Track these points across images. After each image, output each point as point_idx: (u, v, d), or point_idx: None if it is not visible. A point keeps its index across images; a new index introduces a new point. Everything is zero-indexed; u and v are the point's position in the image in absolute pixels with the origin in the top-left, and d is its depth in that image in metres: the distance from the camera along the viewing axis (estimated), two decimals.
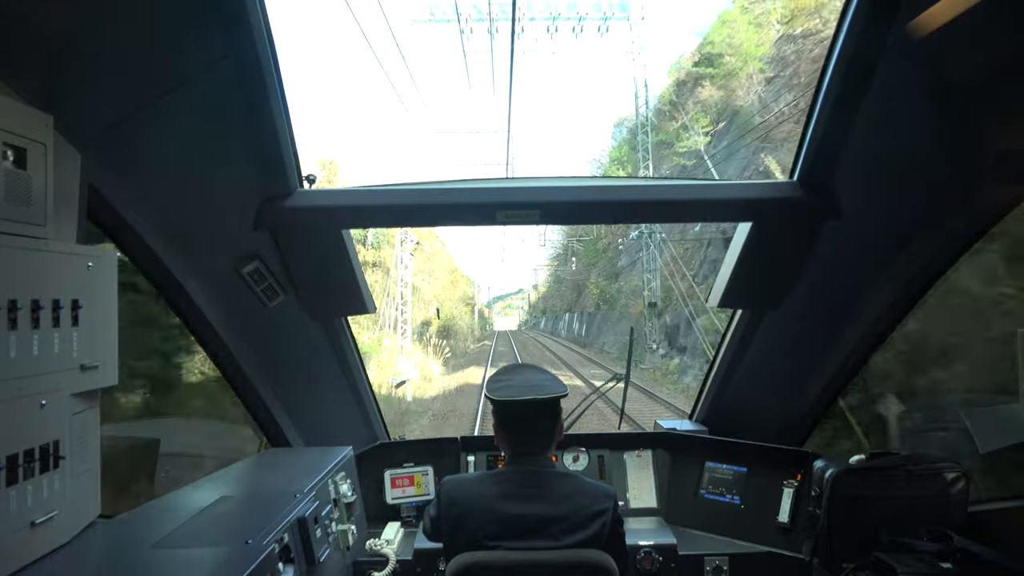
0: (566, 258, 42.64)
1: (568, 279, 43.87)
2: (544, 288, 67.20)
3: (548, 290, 63.32)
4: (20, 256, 1.07)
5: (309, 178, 1.82)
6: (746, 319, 2.17)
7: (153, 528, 1.29)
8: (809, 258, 1.90)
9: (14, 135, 1.07)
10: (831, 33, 1.48)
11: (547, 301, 62.62)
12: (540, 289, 69.77)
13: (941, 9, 1.26)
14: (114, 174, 1.45)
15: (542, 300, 68.38)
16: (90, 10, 1.16)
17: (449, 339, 27.16)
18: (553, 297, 58.08)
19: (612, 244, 31.12)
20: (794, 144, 1.76)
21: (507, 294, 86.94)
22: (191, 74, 1.39)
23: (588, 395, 2.49)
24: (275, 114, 1.55)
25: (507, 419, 1.58)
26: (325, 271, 2.00)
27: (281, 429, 2.17)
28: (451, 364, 23.49)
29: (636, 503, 2.28)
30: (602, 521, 1.45)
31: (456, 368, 22.58)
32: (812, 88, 1.61)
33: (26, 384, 1.07)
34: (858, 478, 1.67)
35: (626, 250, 27.72)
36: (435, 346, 22.84)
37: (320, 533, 1.50)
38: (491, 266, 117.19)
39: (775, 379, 2.23)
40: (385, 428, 2.56)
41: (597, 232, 32.14)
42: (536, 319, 70.68)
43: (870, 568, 1.52)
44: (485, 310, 74.25)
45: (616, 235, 28.18)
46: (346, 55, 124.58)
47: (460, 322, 37.80)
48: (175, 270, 1.71)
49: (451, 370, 21.81)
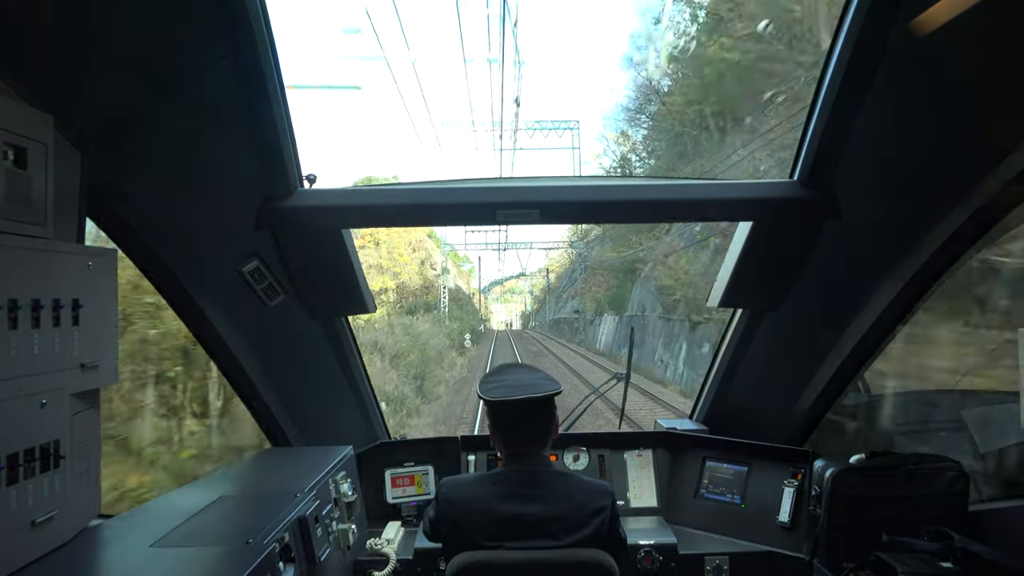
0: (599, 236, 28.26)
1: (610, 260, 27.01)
2: (558, 269, 52.56)
3: (563, 275, 48.75)
4: (20, 255, 1.07)
5: (309, 177, 1.82)
6: (746, 319, 2.17)
7: (153, 527, 1.29)
8: (809, 258, 1.90)
9: (14, 134, 1.07)
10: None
11: (561, 294, 47.24)
12: (553, 267, 54.26)
13: (941, 9, 1.26)
14: (114, 173, 1.45)
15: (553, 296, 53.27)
16: (90, 10, 1.16)
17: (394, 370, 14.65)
18: (566, 289, 43.82)
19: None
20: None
21: (506, 278, 69.12)
22: (191, 74, 1.39)
23: (588, 395, 2.49)
24: (275, 114, 1.55)
25: (502, 419, 1.58)
26: (325, 270, 2.00)
27: (281, 428, 2.18)
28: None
29: (636, 502, 2.28)
30: (601, 519, 1.46)
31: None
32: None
33: (26, 383, 1.07)
34: (858, 478, 1.67)
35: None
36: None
37: (321, 532, 1.50)
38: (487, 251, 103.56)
39: (775, 378, 2.23)
40: (385, 427, 2.56)
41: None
42: (547, 316, 53.59)
43: (870, 567, 1.52)
44: (480, 297, 57.75)
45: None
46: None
47: (427, 338, 20.14)
48: (175, 269, 1.71)
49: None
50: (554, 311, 49.12)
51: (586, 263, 35.51)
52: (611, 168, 26.59)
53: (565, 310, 42.27)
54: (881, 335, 1.95)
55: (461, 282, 51.74)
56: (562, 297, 46.82)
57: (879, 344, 1.99)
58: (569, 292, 42.73)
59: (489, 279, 69.17)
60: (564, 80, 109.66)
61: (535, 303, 66.44)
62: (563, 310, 43.79)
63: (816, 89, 1.60)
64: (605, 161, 28.56)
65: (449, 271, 40.19)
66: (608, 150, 28.98)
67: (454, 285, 42.75)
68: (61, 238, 1.21)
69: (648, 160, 23.17)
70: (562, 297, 46.82)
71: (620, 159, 26.19)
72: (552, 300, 53.45)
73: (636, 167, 23.70)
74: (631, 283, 23.79)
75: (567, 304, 41.62)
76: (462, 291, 48.52)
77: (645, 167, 23.23)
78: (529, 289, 69.13)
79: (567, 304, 41.62)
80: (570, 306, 39.64)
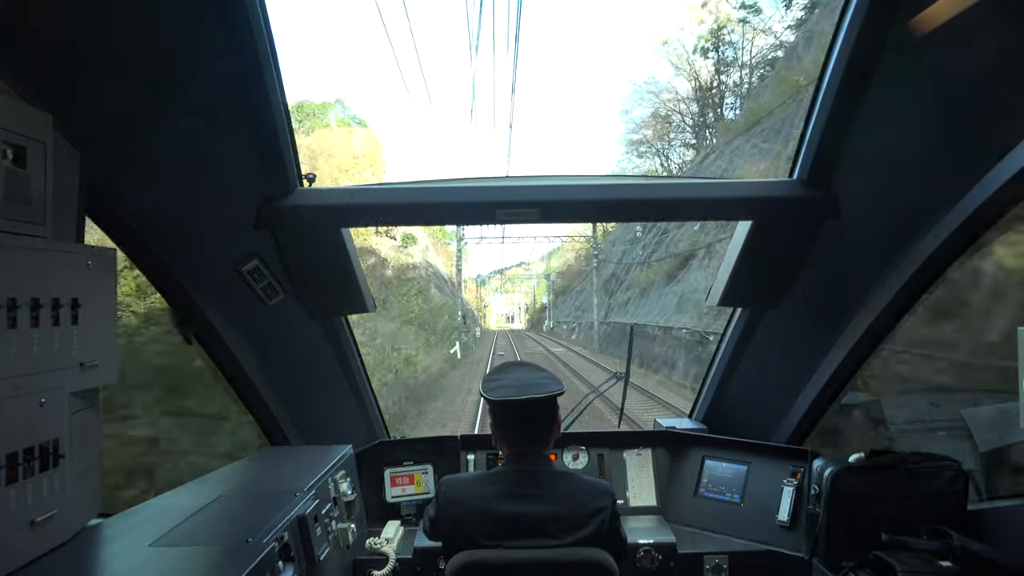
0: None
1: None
2: (569, 263, 44.48)
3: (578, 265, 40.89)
4: (20, 255, 1.07)
5: (308, 177, 1.82)
6: (746, 318, 2.18)
7: (153, 527, 1.29)
8: (809, 257, 1.90)
9: (14, 134, 1.07)
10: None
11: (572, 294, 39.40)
12: (568, 254, 45.64)
13: (941, 8, 1.26)
14: (113, 173, 1.45)
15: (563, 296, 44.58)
16: (90, 10, 1.16)
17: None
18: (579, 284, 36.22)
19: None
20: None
21: (505, 268, 61.66)
22: (190, 73, 1.39)
23: (587, 394, 2.50)
24: (274, 113, 1.55)
25: (504, 419, 1.58)
26: (324, 270, 2.00)
27: (281, 428, 2.18)
28: None
29: (636, 502, 2.28)
30: (601, 519, 1.46)
31: None
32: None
33: (26, 382, 1.07)
34: (858, 477, 1.67)
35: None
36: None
37: (320, 531, 1.50)
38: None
39: (775, 378, 2.23)
40: (385, 427, 2.57)
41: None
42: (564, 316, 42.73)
43: (869, 566, 1.52)
44: (473, 288, 47.17)
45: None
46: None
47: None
48: (174, 268, 1.71)
49: None
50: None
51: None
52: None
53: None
54: (880, 334, 1.95)
55: (439, 260, 36.60)
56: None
57: (878, 343, 1.99)
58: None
59: (487, 269, 59.91)
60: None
61: (546, 293, 48.25)
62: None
63: (816, 89, 1.60)
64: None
65: (417, 242, 29.22)
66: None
67: (422, 260, 30.06)
68: (60, 237, 1.21)
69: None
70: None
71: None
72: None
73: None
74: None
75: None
76: (439, 275, 33.45)
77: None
78: (545, 273, 51.69)
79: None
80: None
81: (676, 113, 37.74)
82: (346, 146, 28.29)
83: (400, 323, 20.04)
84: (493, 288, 70.38)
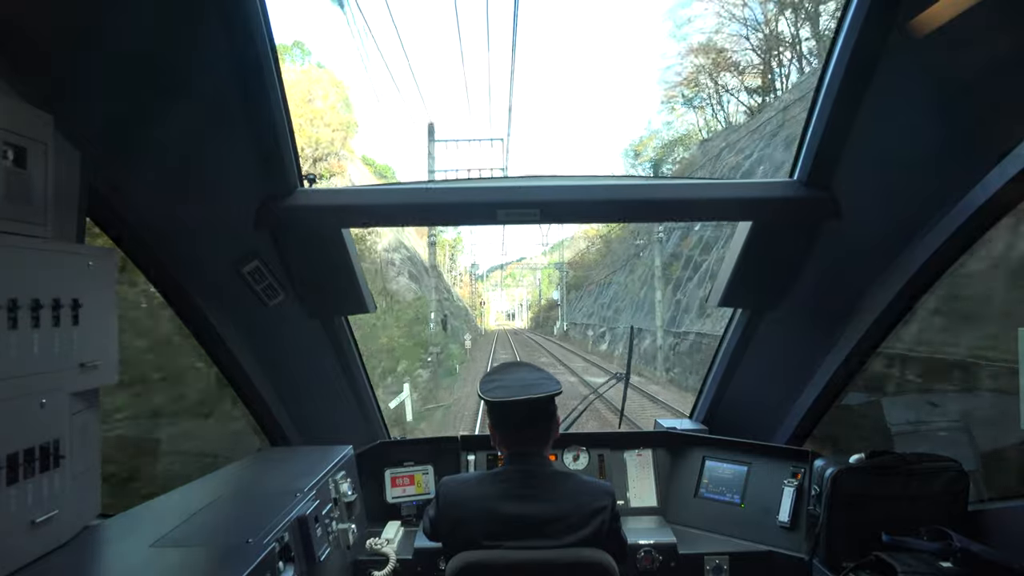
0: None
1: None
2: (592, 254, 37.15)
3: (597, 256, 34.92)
4: (20, 255, 1.07)
5: (309, 177, 1.83)
6: (746, 318, 2.18)
7: (153, 527, 1.29)
8: (809, 257, 1.90)
9: (14, 134, 1.07)
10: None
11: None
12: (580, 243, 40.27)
13: (941, 8, 1.26)
14: (114, 173, 1.45)
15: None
16: (91, 10, 1.16)
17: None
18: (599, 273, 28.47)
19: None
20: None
21: (506, 263, 56.30)
22: (191, 74, 1.39)
23: (587, 395, 2.50)
24: (274, 113, 1.55)
25: (502, 419, 1.58)
26: (325, 270, 2.00)
27: (281, 428, 2.18)
28: None
29: (636, 502, 2.28)
30: (601, 519, 1.45)
31: None
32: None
33: (26, 383, 1.07)
34: (858, 477, 1.67)
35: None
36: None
37: (320, 532, 1.50)
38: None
39: (775, 378, 2.23)
40: (385, 427, 2.57)
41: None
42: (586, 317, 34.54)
43: (870, 567, 1.52)
44: (467, 283, 42.70)
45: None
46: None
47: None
48: (175, 269, 1.71)
49: None
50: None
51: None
52: None
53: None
54: (880, 335, 1.95)
55: (417, 244, 26.20)
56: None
57: (879, 344, 1.99)
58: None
59: (485, 265, 55.00)
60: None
61: (563, 286, 40.09)
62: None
63: (816, 89, 1.60)
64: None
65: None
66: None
67: (397, 243, 22.04)
68: (61, 238, 1.21)
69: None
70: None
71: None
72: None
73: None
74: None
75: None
76: (415, 262, 23.97)
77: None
78: (556, 263, 43.44)
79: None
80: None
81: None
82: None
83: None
84: (492, 284, 66.54)
